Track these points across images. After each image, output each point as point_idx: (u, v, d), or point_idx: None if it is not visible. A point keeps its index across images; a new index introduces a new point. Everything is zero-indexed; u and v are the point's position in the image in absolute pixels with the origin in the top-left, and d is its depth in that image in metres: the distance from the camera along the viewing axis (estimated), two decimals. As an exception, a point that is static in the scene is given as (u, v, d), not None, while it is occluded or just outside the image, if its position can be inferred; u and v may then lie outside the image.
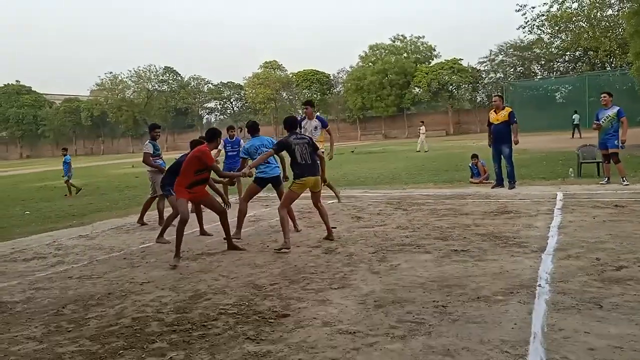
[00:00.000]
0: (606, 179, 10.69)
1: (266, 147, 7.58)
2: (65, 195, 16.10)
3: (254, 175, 7.33)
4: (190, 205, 7.48)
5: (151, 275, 5.77)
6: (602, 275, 4.73)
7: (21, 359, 3.73)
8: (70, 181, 16.40)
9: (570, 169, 12.63)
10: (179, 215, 6.52)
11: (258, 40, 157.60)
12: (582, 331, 3.54)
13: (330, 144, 9.48)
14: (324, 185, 7.57)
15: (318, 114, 9.47)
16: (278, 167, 7.78)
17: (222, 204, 6.93)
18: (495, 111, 10.92)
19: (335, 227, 7.28)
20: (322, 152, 9.16)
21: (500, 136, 10.75)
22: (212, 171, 6.59)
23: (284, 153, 7.08)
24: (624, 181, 10.24)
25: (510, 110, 10.82)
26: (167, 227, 7.60)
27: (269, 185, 7.70)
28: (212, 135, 6.81)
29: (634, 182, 10.61)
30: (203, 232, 8.04)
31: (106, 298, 5.06)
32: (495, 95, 11.45)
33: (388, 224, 7.79)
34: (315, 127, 9.25)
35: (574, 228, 6.73)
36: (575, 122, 34.67)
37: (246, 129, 8.13)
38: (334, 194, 9.01)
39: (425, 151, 27.34)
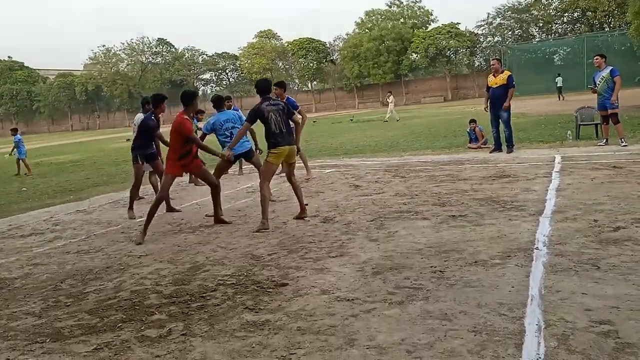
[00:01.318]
0: (604, 140, 10.65)
1: (232, 122, 7.34)
2: (16, 174, 15.91)
3: (232, 156, 6.84)
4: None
5: (149, 248, 5.77)
6: (599, 236, 4.72)
7: (20, 334, 3.74)
8: (20, 160, 16.27)
9: (569, 132, 12.57)
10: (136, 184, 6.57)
11: (252, 8, 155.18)
12: (579, 292, 3.54)
13: (301, 125, 9.03)
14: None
15: (289, 96, 9.29)
16: (248, 140, 7.47)
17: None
18: (493, 75, 10.79)
19: (307, 204, 6.81)
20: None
21: (499, 100, 10.65)
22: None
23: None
24: (622, 142, 10.19)
25: (509, 74, 10.69)
26: (132, 199, 7.72)
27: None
28: (187, 99, 6.36)
29: (632, 142, 10.56)
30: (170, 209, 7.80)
31: (104, 272, 5.06)
32: (493, 59, 11.29)
33: (386, 192, 7.77)
34: None
35: (572, 190, 6.71)
36: (558, 85, 34.56)
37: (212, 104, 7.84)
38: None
39: (385, 121, 27.23)
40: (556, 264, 4.13)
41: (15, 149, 16.43)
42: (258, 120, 6.26)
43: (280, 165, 6.76)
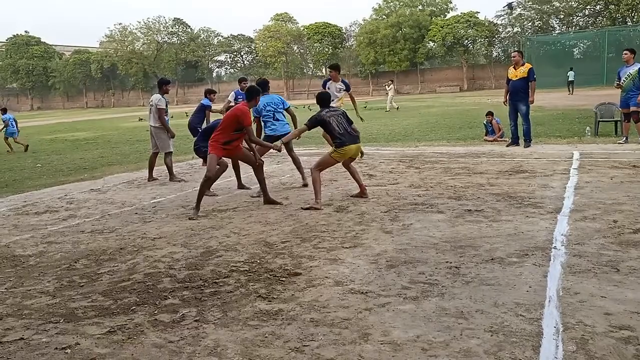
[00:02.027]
0: (624, 138, 10.47)
1: (274, 105, 7.65)
2: (8, 151, 16.03)
3: (281, 149, 7.08)
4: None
5: (163, 231, 5.77)
6: (619, 238, 4.64)
7: (34, 313, 3.75)
8: (9, 139, 16.39)
9: (588, 128, 12.39)
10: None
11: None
12: (599, 295, 3.48)
13: (353, 103, 10.29)
14: None
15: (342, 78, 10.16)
16: (288, 124, 7.84)
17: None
18: (514, 67, 10.62)
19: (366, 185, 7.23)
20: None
21: (518, 93, 10.49)
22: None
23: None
24: None
25: (530, 66, 10.50)
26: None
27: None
28: (252, 94, 6.67)
29: (653, 142, 10.38)
30: (241, 186, 8.03)
31: (118, 253, 5.07)
32: (514, 51, 11.13)
33: (400, 183, 7.71)
34: (339, 89, 9.74)
35: (591, 189, 6.60)
36: (570, 79, 34.27)
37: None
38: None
39: (397, 108, 26.79)
40: (574, 264, 4.06)
41: (5, 127, 16.59)
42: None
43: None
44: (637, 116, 10.16)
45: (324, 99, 6.88)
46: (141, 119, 30.80)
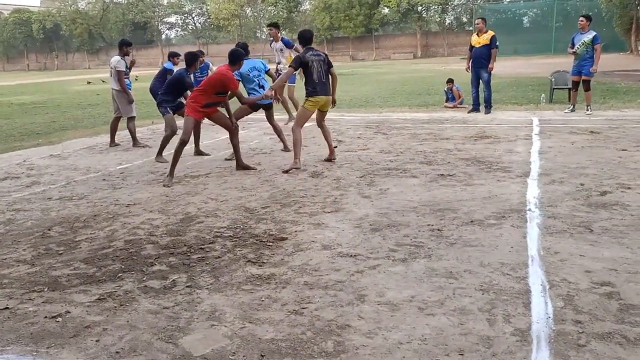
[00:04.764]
0: (571, 107, 10.66)
1: (257, 70, 7.41)
2: None
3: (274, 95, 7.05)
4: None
5: (136, 198, 5.63)
6: (588, 200, 4.86)
7: (15, 282, 3.62)
8: None
9: (542, 95, 12.76)
10: (171, 133, 6.94)
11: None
12: (577, 254, 3.66)
13: None
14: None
15: (284, 36, 9.79)
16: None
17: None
18: (477, 34, 10.74)
19: (337, 146, 7.34)
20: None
21: (481, 60, 10.64)
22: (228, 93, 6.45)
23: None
24: (588, 110, 10.17)
25: (493, 34, 10.61)
26: (164, 146, 7.38)
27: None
28: (237, 58, 6.40)
29: (605, 108, 10.80)
30: (199, 152, 7.83)
31: (93, 220, 4.92)
32: (478, 18, 11.24)
33: (370, 148, 7.76)
34: (281, 49, 9.79)
35: (554, 154, 6.85)
36: None
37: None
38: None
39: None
40: (550, 225, 4.24)
41: None
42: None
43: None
44: (587, 85, 10.32)
45: (306, 38, 6.72)
46: (89, 82, 29.58)
